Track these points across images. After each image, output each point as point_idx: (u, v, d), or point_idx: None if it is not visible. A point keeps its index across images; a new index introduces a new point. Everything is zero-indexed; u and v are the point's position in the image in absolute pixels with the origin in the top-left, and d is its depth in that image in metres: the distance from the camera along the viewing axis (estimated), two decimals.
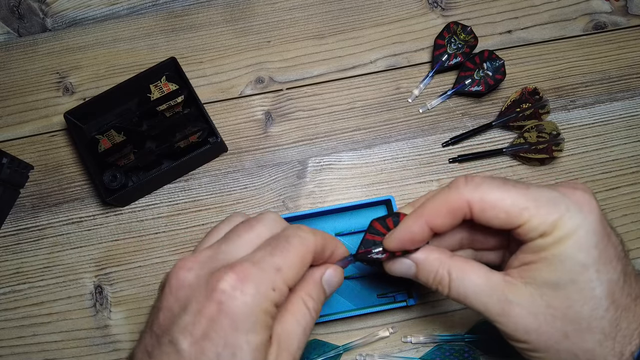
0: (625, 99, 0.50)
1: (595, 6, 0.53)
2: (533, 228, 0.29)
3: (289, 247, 0.28)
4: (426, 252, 0.33)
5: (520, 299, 0.30)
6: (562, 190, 0.30)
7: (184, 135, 0.46)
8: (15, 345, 0.46)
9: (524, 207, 0.29)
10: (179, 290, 0.27)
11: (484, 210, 0.30)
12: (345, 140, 0.50)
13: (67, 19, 0.55)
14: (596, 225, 0.29)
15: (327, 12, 0.54)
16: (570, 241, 0.29)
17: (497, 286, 0.31)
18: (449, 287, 0.32)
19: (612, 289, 0.29)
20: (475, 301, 0.31)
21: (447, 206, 0.31)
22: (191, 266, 0.27)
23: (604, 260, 0.29)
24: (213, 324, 0.25)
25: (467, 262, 0.32)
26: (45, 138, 0.51)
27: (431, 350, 0.43)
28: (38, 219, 0.49)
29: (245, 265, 0.27)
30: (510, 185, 0.30)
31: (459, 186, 0.31)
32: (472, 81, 0.49)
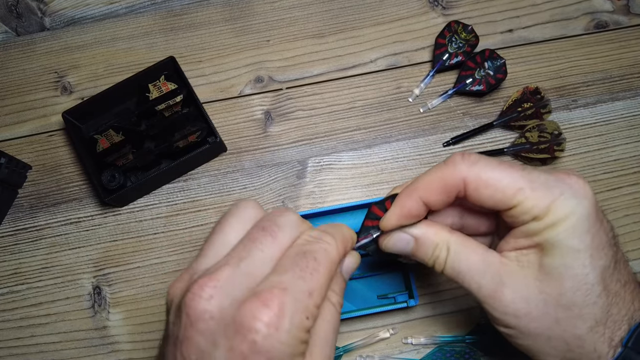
0: (626, 99, 0.50)
1: (596, 5, 0.53)
2: (526, 210, 0.29)
3: (318, 266, 0.26)
4: (425, 226, 0.32)
5: (514, 282, 0.30)
6: (558, 175, 0.30)
7: (182, 135, 0.46)
8: (14, 346, 0.46)
9: (519, 188, 0.29)
10: (200, 323, 0.24)
11: (478, 189, 0.30)
12: (345, 140, 0.50)
13: (65, 18, 0.54)
14: (590, 210, 0.29)
15: (327, 11, 0.53)
16: (564, 226, 0.29)
17: (493, 266, 0.30)
18: (444, 263, 0.31)
19: (604, 275, 0.29)
20: (470, 279, 0.31)
21: (442, 182, 0.30)
22: (211, 294, 0.24)
23: (597, 246, 0.29)
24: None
25: (467, 238, 0.32)
26: (44, 138, 0.51)
27: (432, 351, 0.43)
28: (36, 219, 0.48)
29: (276, 295, 0.24)
30: (507, 165, 0.30)
31: (455, 162, 0.30)
32: (473, 80, 0.49)
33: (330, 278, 0.27)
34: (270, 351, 0.23)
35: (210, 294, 0.24)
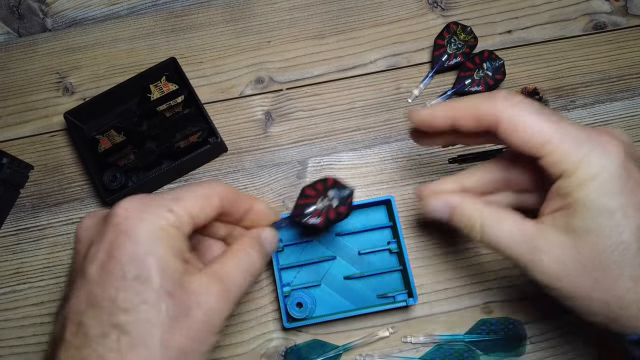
0: (625, 99, 0.50)
1: (595, 6, 0.53)
2: (554, 162, 0.30)
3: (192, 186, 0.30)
4: (460, 197, 0.34)
5: (550, 247, 0.30)
6: (590, 132, 0.30)
7: (184, 135, 0.46)
8: (15, 345, 0.46)
9: (548, 139, 0.30)
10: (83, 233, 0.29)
11: (509, 130, 0.31)
12: (345, 140, 0.50)
13: (67, 19, 0.55)
14: (620, 169, 0.29)
15: (327, 12, 0.54)
16: (594, 185, 0.29)
17: (528, 234, 0.31)
18: (481, 233, 0.33)
19: (639, 234, 0.29)
20: (507, 248, 0.32)
21: (477, 111, 0.32)
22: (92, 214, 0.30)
23: (632, 204, 0.29)
24: (115, 246, 0.26)
25: (501, 210, 0.33)
26: (45, 138, 0.51)
27: (431, 350, 0.43)
28: (38, 219, 0.49)
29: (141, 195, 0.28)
30: (545, 114, 0.30)
31: (496, 99, 0.31)
32: (472, 81, 0.49)
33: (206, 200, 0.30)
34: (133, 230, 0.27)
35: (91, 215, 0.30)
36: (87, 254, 0.28)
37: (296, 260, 0.45)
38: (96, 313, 0.26)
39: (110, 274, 0.26)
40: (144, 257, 0.26)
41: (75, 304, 0.26)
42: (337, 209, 0.38)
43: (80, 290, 0.27)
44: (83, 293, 0.26)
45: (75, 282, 0.27)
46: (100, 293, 0.26)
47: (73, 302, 0.27)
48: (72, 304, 0.27)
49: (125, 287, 0.26)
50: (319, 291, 0.45)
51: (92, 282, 0.26)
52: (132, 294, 0.26)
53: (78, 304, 0.26)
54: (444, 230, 0.46)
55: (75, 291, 0.27)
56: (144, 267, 0.26)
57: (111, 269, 0.26)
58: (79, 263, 0.28)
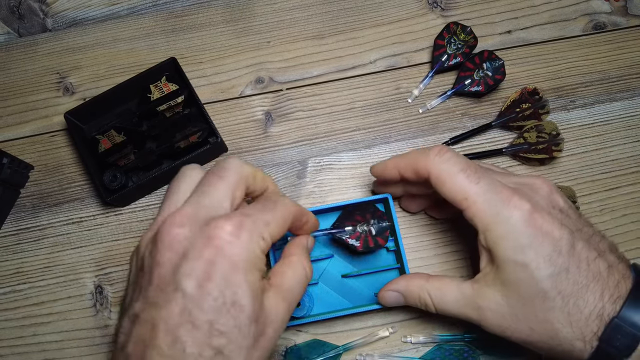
0: (624, 99, 0.50)
1: (594, 6, 0.53)
2: (471, 217, 0.34)
3: (276, 208, 0.32)
4: (406, 281, 0.38)
5: (488, 303, 0.34)
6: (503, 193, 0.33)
7: (184, 136, 0.46)
8: (16, 345, 0.46)
9: (466, 196, 0.34)
10: (174, 244, 0.28)
11: (437, 183, 0.35)
12: (345, 140, 0.50)
13: (67, 19, 0.55)
14: (526, 226, 0.32)
15: (327, 12, 0.54)
16: (505, 243, 0.33)
17: (469, 296, 0.35)
18: (434, 307, 0.37)
19: (555, 281, 0.32)
20: (458, 313, 0.36)
21: (415, 167, 0.37)
22: (182, 221, 0.29)
23: (542, 256, 0.32)
24: (214, 267, 0.28)
25: (441, 280, 0.37)
26: (46, 138, 0.51)
27: (431, 350, 0.43)
28: (38, 219, 0.49)
29: (239, 216, 0.29)
30: (468, 172, 0.34)
31: (429, 156, 0.36)
32: (471, 81, 0.49)
33: (285, 223, 0.32)
34: (234, 255, 0.28)
35: (181, 221, 0.29)
36: (180, 265, 0.28)
37: None
38: (194, 332, 0.27)
39: (208, 296, 0.27)
40: (241, 284, 0.28)
41: (168, 316, 0.27)
42: (375, 238, 0.41)
43: (173, 302, 0.27)
44: (177, 307, 0.27)
45: (167, 293, 0.28)
46: (198, 314, 0.27)
47: (164, 313, 0.27)
48: (162, 313, 0.27)
49: (223, 312, 0.27)
50: (316, 289, 0.45)
51: (189, 299, 0.27)
52: (229, 319, 0.27)
53: (172, 316, 0.27)
54: (441, 229, 0.47)
55: (166, 301, 0.27)
56: (241, 294, 0.28)
57: (209, 291, 0.27)
58: (169, 273, 0.28)
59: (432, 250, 0.46)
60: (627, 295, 0.31)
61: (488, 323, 0.34)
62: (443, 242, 0.46)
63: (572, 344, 0.32)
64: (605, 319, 0.31)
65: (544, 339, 0.32)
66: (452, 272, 0.46)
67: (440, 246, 0.46)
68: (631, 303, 0.31)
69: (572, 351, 0.32)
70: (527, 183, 0.36)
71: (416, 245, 0.46)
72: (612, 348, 0.31)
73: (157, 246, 0.29)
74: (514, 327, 0.33)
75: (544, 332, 0.32)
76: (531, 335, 0.33)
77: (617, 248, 0.35)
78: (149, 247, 0.30)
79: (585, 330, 0.31)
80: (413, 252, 0.46)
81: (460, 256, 0.46)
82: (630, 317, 0.31)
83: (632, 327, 0.30)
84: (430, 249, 0.46)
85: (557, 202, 0.35)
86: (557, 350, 0.33)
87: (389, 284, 0.39)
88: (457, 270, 0.46)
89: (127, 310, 0.29)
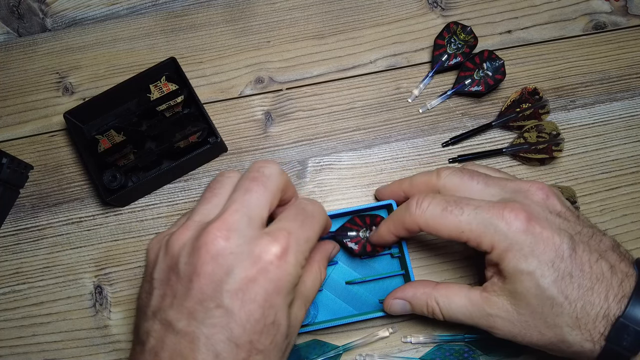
0: (625, 99, 0.50)
1: (595, 6, 0.53)
2: (475, 245, 0.35)
3: (314, 222, 0.32)
4: (413, 289, 0.38)
5: (498, 311, 0.34)
6: (493, 209, 0.34)
7: (183, 136, 0.46)
8: (15, 345, 0.46)
9: (461, 230, 0.35)
10: (219, 258, 0.28)
11: (431, 232, 0.36)
12: (345, 140, 0.50)
13: (66, 19, 0.55)
14: (525, 236, 0.33)
15: (327, 12, 0.54)
16: (509, 255, 0.33)
17: (478, 304, 0.35)
18: (441, 314, 0.37)
19: (560, 286, 0.32)
20: (466, 321, 0.36)
21: (404, 226, 0.37)
22: (228, 234, 0.28)
23: (545, 263, 0.32)
24: (259, 289, 0.28)
25: (449, 287, 0.37)
26: (45, 138, 0.51)
27: (431, 350, 0.43)
28: (38, 219, 0.49)
29: (284, 236, 0.30)
30: (450, 208, 0.35)
31: (410, 211, 0.37)
32: (472, 81, 0.49)
33: (319, 234, 0.33)
34: (280, 279, 0.29)
35: (227, 234, 0.29)
36: (225, 282, 0.28)
37: None
38: (235, 351, 0.28)
39: (251, 316, 0.28)
40: (282, 306, 0.29)
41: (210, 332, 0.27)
42: (374, 245, 0.42)
43: (215, 319, 0.28)
44: (219, 324, 0.27)
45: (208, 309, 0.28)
46: (241, 334, 0.28)
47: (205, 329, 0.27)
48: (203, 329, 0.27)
49: (263, 332, 0.28)
50: (320, 296, 0.44)
51: (231, 318, 0.28)
52: (268, 337, 0.29)
53: (213, 334, 0.27)
54: None
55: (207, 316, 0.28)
56: (280, 316, 0.29)
57: (252, 312, 0.28)
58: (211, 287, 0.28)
59: (437, 257, 0.46)
60: (632, 294, 0.32)
61: (498, 330, 0.35)
62: (448, 248, 0.46)
63: (581, 345, 0.32)
64: (611, 319, 0.31)
65: (554, 342, 0.33)
66: (457, 278, 0.46)
67: (445, 253, 0.46)
68: (636, 301, 0.31)
69: (581, 352, 0.33)
70: (523, 190, 0.36)
71: (416, 245, 0.46)
72: (619, 347, 0.31)
73: (201, 255, 0.28)
74: (524, 333, 0.34)
75: (554, 336, 0.33)
76: (541, 340, 0.34)
77: (618, 245, 0.35)
78: (188, 250, 0.29)
79: (593, 332, 0.32)
80: (414, 252, 0.46)
81: (465, 263, 0.46)
82: (635, 315, 0.31)
83: (638, 325, 0.31)
84: (435, 257, 0.46)
85: (554, 207, 0.35)
86: (567, 351, 0.33)
87: (395, 292, 0.39)
88: (460, 270, 0.45)
89: (157, 312, 0.29)
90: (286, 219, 0.32)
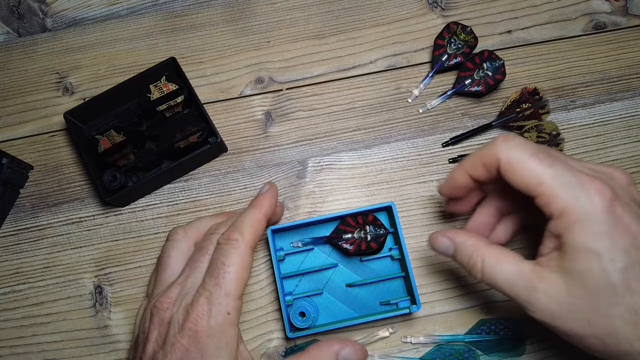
0: (625, 99, 0.50)
1: (595, 6, 0.53)
2: (546, 203, 0.32)
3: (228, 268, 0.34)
4: (464, 236, 0.36)
5: (546, 287, 0.32)
6: (581, 177, 0.31)
7: (183, 136, 0.46)
8: (15, 345, 0.46)
9: (540, 181, 0.32)
10: (161, 327, 0.34)
11: (508, 171, 0.33)
12: (345, 140, 0.50)
13: (67, 19, 0.55)
14: (605, 214, 0.30)
15: (327, 12, 0.54)
16: (580, 228, 0.30)
17: (526, 275, 0.32)
18: (481, 273, 0.34)
19: (627, 276, 0.30)
20: (506, 288, 0.33)
21: (482, 160, 0.35)
22: (167, 307, 0.34)
23: (618, 248, 0.30)
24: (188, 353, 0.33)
25: (502, 250, 0.34)
26: (45, 138, 0.51)
27: (431, 350, 0.43)
28: (38, 219, 0.49)
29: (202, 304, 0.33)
30: (540, 156, 0.32)
31: (495, 143, 0.34)
32: (472, 81, 0.49)
33: (245, 266, 0.34)
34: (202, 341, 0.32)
35: (167, 307, 0.34)
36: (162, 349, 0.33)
37: (298, 269, 0.45)
38: None
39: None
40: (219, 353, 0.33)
41: None
42: (368, 243, 0.42)
43: None
44: None
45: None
46: None
47: None
48: None
49: None
50: (321, 299, 0.44)
51: None
52: None
53: None
54: None
55: None
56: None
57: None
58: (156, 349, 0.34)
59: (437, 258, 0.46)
60: None
61: (538, 307, 0.32)
62: None
63: (631, 343, 0.30)
64: None
65: (601, 334, 0.31)
66: (455, 273, 0.46)
67: None
68: None
69: (629, 352, 0.30)
70: (605, 172, 0.33)
71: (417, 246, 0.46)
72: None
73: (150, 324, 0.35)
74: (567, 317, 0.31)
75: (603, 328, 0.30)
76: (586, 329, 0.31)
77: None
78: (145, 318, 0.36)
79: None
80: (414, 252, 0.46)
81: None
82: None
83: None
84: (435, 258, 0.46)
85: (635, 196, 0.33)
86: (612, 349, 0.31)
87: (447, 231, 0.37)
88: (460, 270, 0.45)
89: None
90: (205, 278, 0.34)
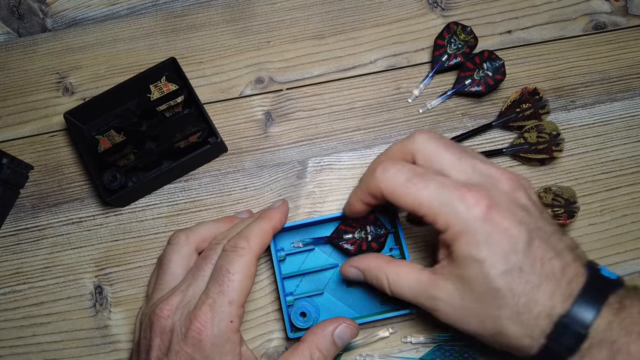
0: (625, 99, 0.50)
1: (595, 6, 0.53)
2: (431, 221, 0.34)
3: (233, 276, 0.35)
4: (367, 261, 0.39)
5: (442, 295, 0.34)
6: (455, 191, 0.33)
7: (183, 136, 0.46)
8: (15, 345, 0.46)
9: (419, 204, 0.34)
10: (163, 335, 0.35)
11: (391, 199, 0.36)
12: (345, 140, 0.50)
13: (67, 19, 0.55)
14: (482, 224, 0.32)
15: (327, 12, 0.54)
16: (462, 240, 0.33)
17: (425, 285, 0.35)
18: (389, 289, 0.37)
19: (508, 280, 0.32)
20: (411, 298, 0.36)
21: (369, 191, 0.38)
22: (168, 314, 0.35)
23: (497, 253, 0.32)
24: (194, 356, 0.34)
25: (402, 264, 0.37)
26: (45, 138, 0.51)
27: (431, 350, 0.43)
28: (38, 219, 0.49)
29: (205, 312, 0.34)
30: (415, 180, 0.35)
31: (375, 174, 0.37)
32: (472, 81, 0.49)
33: (250, 275, 0.36)
34: (207, 349, 0.34)
35: (167, 315, 0.35)
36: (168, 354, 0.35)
37: (298, 269, 0.45)
38: None
39: None
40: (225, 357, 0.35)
41: None
42: (369, 243, 0.42)
43: None
44: None
45: None
46: None
47: None
48: None
49: None
50: (322, 299, 0.44)
51: None
52: None
53: None
54: None
55: None
56: None
57: None
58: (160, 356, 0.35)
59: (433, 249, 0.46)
60: (577, 294, 0.31)
61: (440, 313, 0.35)
62: None
63: (520, 340, 0.32)
64: (553, 318, 0.31)
65: (493, 333, 0.33)
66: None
67: None
68: (580, 301, 0.31)
69: (519, 347, 0.33)
70: (492, 176, 0.35)
71: (417, 245, 0.46)
72: (558, 346, 0.31)
73: (151, 333, 0.35)
74: (465, 320, 0.34)
75: (493, 328, 0.33)
76: (480, 329, 0.34)
77: (577, 246, 0.35)
78: (146, 324, 0.37)
79: (534, 329, 0.32)
80: (414, 252, 0.46)
81: None
82: (577, 316, 0.31)
83: (579, 326, 0.31)
84: (430, 248, 0.46)
85: (520, 199, 0.35)
86: (504, 344, 0.33)
87: (352, 260, 0.40)
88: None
89: None
90: (208, 286, 0.35)
